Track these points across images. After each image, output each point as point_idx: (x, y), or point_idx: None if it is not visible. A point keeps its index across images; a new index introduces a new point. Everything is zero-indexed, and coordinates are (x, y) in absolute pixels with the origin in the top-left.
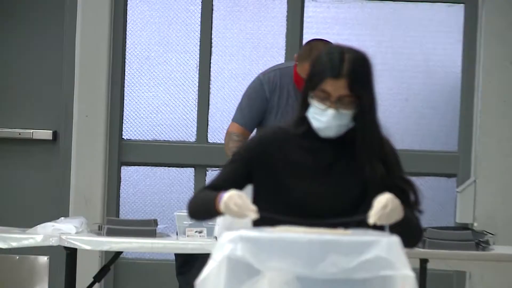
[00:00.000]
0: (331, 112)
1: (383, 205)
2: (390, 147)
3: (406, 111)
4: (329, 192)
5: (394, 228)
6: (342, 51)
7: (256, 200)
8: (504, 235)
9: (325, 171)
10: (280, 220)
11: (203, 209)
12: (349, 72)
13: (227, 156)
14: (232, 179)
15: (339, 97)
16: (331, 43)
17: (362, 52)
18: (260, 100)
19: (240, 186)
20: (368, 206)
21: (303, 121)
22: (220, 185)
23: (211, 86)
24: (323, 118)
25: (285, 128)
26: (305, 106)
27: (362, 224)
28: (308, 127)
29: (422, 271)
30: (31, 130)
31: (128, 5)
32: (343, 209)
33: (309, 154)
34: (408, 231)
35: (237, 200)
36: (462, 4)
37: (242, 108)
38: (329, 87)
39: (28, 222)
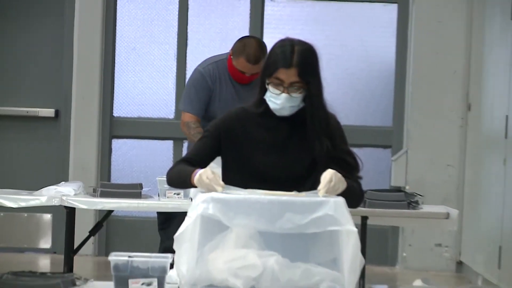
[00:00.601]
0: (284, 96)
1: (328, 180)
2: (336, 123)
3: (349, 94)
4: (285, 163)
5: (340, 195)
6: (293, 44)
7: (224, 169)
8: (431, 196)
9: (281, 145)
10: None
11: (179, 180)
12: (299, 63)
13: (192, 141)
14: (203, 152)
15: (290, 83)
16: (260, 39)
17: (310, 44)
18: (206, 90)
19: (210, 158)
20: (317, 174)
21: (262, 102)
22: (194, 157)
23: (186, 72)
24: (278, 101)
25: (246, 109)
26: (263, 90)
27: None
28: (266, 108)
29: (363, 227)
30: (37, 109)
31: (118, 4)
32: (296, 177)
33: (267, 131)
34: (351, 196)
35: (209, 175)
36: (395, 4)
37: (191, 100)
38: (282, 76)
39: (34, 186)
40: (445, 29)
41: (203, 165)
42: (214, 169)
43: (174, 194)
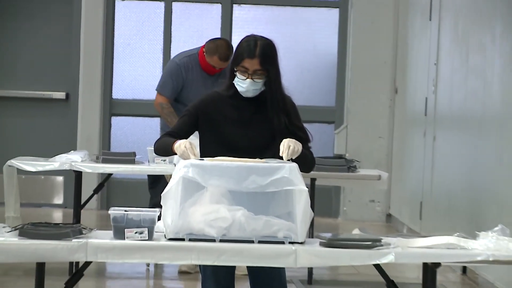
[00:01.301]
0: (249, 81)
1: (287, 145)
2: (291, 103)
3: (301, 80)
4: (250, 135)
5: (296, 161)
6: (256, 39)
7: (201, 140)
8: (366, 162)
9: (247, 121)
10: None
11: (163, 149)
12: (261, 54)
13: (164, 119)
14: (183, 127)
15: (254, 71)
16: (228, 41)
17: (270, 40)
18: (180, 78)
19: (189, 132)
20: (277, 145)
21: (231, 87)
22: (176, 131)
23: (173, 50)
24: (244, 85)
25: (219, 92)
26: (232, 77)
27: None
28: (235, 91)
29: (312, 187)
30: (51, 92)
31: (116, 8)
32: (259, 147)
33: (235, 109)
34: (305, 162)
35: (187, 144)
36: (337, 8)
37: (167, 85)
38: (247, 64)
39: (49, 154)
40: (376, 28)
41: (184, 137)
42: (192, 141)
43: (161, 160)
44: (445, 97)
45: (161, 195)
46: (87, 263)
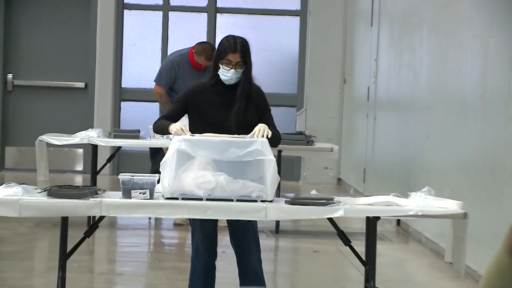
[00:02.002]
0: (232, 71)
1: (258, 129)
2: (261, 91)
3: (269, 73)
4: (229, 116)
5: (268, 139)
6: (235, 38)
7: (190, 121)
8: (321, 137)
9: (226, 104)
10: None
11: (161, 129)
12: (241, 49)
13: (162, 105)
14: (176, 112)
15: (236, 63)
16: (212, 44)
17: (245, 38)
18: (173, 73)
19: (180, 115)
20: (250, 124)
21: (214, 77)
22: (170, 115)
23: (168, 49)
24: (228, 74)
25: (204, 82)
26: (216, 69)
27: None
28: (217, 80)
29: (278, 157)
30: (73, 83)
31: (124, 15)
32: (238, 125)
33: (218, 95)
34: (274, 139)
35: (179, 126)
36: (298, 16)
37: (162, 78)
38: (230, 58)
39: (71, 131)
40: (329, 32)
41: (176, 120)
42: (183, 121)
43: (160, 136)
44: (383, 86)
45: (160, 163)
46: (101, 217)
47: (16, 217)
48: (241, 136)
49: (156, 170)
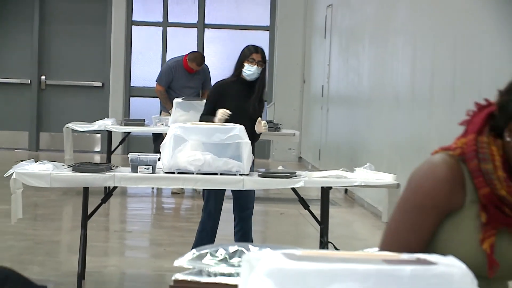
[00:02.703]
0: (255, 67)
1: (264, 122)
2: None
3: None
4: (245, 106)
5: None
6: (255, 45)
7: (218, 109)
8: (286, 124)
9: (244, 96)
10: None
11: (208, 121)
12: (261, 51)
13: (162, 100)
14: (211, 106)
15: (258, 61)
16: (202, 53)
17: (260, 46)
18: (170, 75)
19: (215, 109)
20: (256, 112)
21: (238, 75)
22: (209, 112)
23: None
24: (252, 69)
25: (226, 80)
26: (239, 68)
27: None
28: (237, 78)
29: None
30: (92, 82)
31: (133, 30)
32: (254, 110)
33: (237, 89)
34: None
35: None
36: (268, 31)
37: (162, 79)
38: (254, 57)
39: (91, 120)
40: (292, 43)
41: (214, 114)
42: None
43: (160, 124)
44: (334, 85)
45: (160, 145)
46: (114, 187)
47: (47, 187)
48: (225, 124)
49: (157, 150)
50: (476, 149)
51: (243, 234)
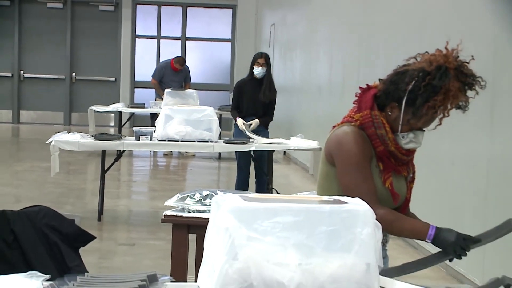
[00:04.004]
0: (260, 68)
1: (256, 121)
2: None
3: (216, 73)
4: (258, 99)
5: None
6: (261, 52)
7: (240, 100)
8: None
9: (257, 89)
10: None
11: (233, 117)
12: (264, 56)
13: (156, 90)
14: (236, 102)
15: (262, 63)
16: (183, 57)
17: (267, 53)
18: (161, 73)
19: (239, 102)
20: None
21: (251, 74)
22: (235, 104)
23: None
24: (259, 70)
25: (244, 79)
26: (252, 69)
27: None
28: (251, 77)
29: (220, 118)
30: (107, 77)
31: (136, 41)
32: (264, 98)
33: (251, 85)
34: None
35: (242, 122)
36: (230, 42)
37: (156, 75)
38: (259, 61)
39: (107, 104)
40: (247, 51)
41: (238, 105)
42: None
43: (155, 106)
44: (276, 80)
45: (156, 121)
46: (124, 151)
47: (76, 150)
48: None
49: (153, 125)
50: (372, 120)
51: (261, 186)
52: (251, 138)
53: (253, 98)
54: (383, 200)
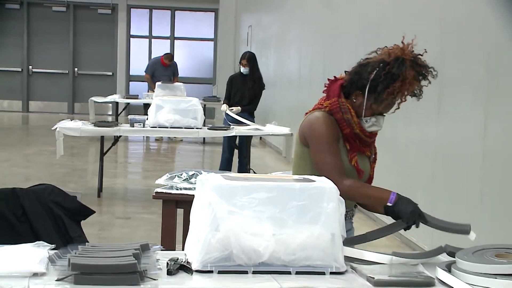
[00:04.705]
0: (243, 67)
1: (235, 109)
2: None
3: (201, 68)
4: (245, 92)
5: None
6: (244, 52)
7: (231, 92)
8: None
9: (244, 84)
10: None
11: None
12: (247, 57)
13: (149, 83)
14: (228, 91)
15: (244, 63)
16: (172, 54)
17: (252, 52)
18: (153, 68)
19: (231, 92)
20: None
21: (239, 71)
22: (227, 96)
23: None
24: (243, 68)
25: (234, 75)
26: (240, 67)
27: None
28: (240, 73)
29: (204, 107)
30: (106, 72)
31: (131, 41)
32: (250, 91)
33: (240, 80)
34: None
35: (225, 106)
36: (212, 41)
37: (148, 69)
38: (243, 61)
39: (105, 95)
40: (227, 49)
41: (229, 97)
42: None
43: (148, 97)
44: None
45: (148, 110)
46: (120, 136)
47: (79, 136)
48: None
49: (146, 113)
50: (339, 106)
51: (241, 166)
52: (235, 124)
53: (240, 91)
54: (350, 176)
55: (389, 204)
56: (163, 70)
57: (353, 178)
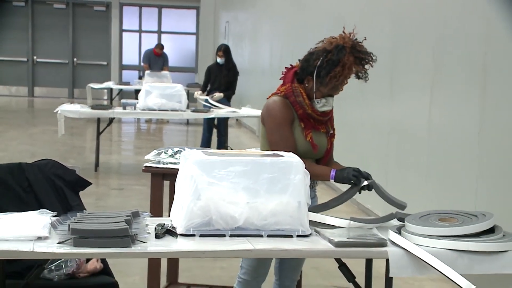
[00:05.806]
0: (219, 58)
1: (217, 95)
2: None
3: (185, 59)
4: (223, 79)
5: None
6: (220, 44)
7: (209, 81)
8: None
9: (220, 72)
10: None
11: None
12: (222, 49)
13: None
14: (206, 79)
15: (221, 55)
16: (162, 44)
17: (227, 44)
18: (147, 58)
19: (209, 80)
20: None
21: (216, 62)
22: (205, 82)
23: (142, 53)
24: (219, 59)
25: (212, 64)
26: (216, 58)
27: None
28: (217, 63)
29: (188, 93)
30: (101, 62)
31: (123, 35)
32: (225, 78)
33: (217, 69)
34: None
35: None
36: (195, 35)
37: (145, 60)
38: (219, 53)
39: (101, 82)
40: (207, 42)
41: (207, 85)
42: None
43: (139, 84)
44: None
45: (138, 95)
46: (114, 118)
47: (78, 117)
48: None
49: (137, 98)
50: (292, 90)
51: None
52: (213, 107)
53: (218, 78)
54: (306, 151)
55: (331, 180)
56: (155, 60)
57: (302, 159)
